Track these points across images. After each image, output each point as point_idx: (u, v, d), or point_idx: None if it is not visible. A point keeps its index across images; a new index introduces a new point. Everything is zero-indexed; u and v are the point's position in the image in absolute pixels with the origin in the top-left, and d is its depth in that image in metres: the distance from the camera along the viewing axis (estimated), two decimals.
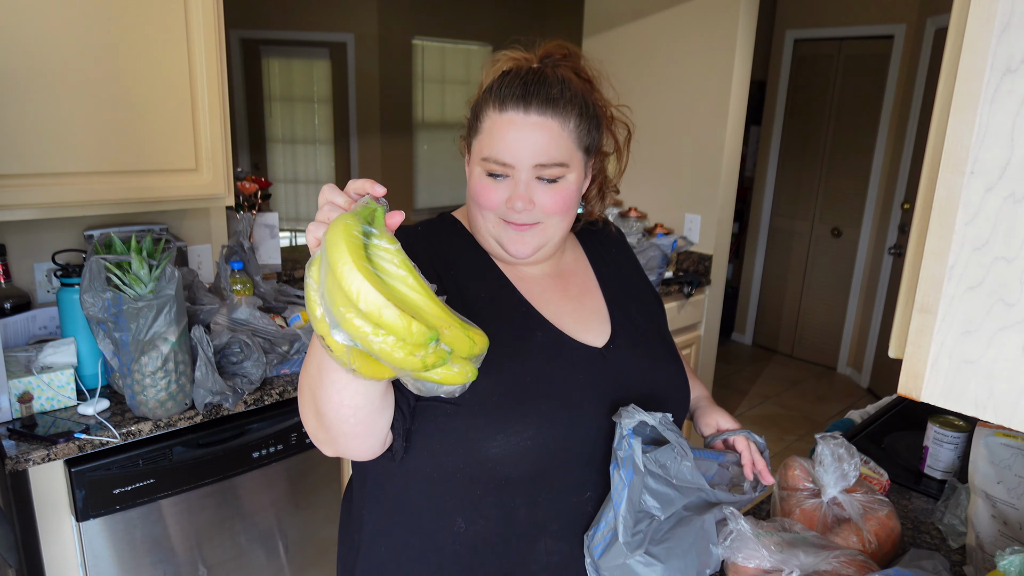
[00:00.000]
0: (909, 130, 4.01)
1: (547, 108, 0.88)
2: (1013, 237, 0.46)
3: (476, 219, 0.95)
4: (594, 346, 0.96)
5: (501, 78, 0.91)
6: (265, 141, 5.49)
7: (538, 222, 0.91)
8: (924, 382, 0.51)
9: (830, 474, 1.07)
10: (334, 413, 0.73)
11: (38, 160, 1.58)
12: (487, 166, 0.89)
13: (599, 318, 1.01)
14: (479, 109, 0.92)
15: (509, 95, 0.88)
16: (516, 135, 0.87)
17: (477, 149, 0.91)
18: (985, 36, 0.45)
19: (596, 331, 0.98)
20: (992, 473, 1.05)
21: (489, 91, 0.91)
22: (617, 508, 0.81)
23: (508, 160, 0.88)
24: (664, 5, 3.03)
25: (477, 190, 0.91)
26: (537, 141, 0.87)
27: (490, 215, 0.92)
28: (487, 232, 0.94)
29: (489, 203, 0.90)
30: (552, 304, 0.97)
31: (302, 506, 1.83)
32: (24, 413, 1.48)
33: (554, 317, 0.96)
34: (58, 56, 1.57)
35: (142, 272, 1.40)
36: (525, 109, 0.87)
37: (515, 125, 0.87)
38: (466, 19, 5.76)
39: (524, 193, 0.88)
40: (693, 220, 3.10)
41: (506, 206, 0.90)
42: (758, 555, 0.86)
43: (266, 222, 2.27)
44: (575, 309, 0.99)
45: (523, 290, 0.97)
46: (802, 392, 4.34)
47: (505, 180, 0.89)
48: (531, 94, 0.87)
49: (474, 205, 0.93)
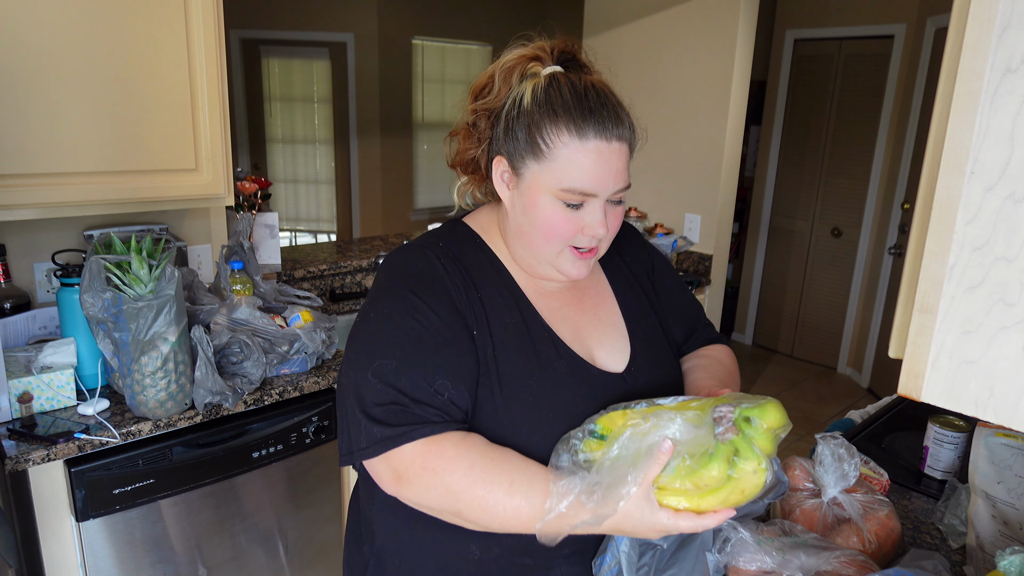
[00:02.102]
0: (909, 130, 4.01)
1: (624, 133, 0.86)
2: (1013, 237, 0.46)
3: (533, 248, 0.90)
4: (614, 371, 0.94)
5: (555, 92, 0.85)
6: (265, 141, 5.49)
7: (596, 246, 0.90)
8: (924, 382, 0.51)
9: (830, 474, 1.07)
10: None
11: (38, 160, 1.58)
12: (568, 196, 0.84)
13: (616, 333, 0.98)
14: (538, 131, 0.84)
15: (586, 122, 0.83)
16: (602, 165, 0.83)
17: (547, 176, 0.85)
18: (985, 36, 0.45)
19: (615, 349, 0.96)
20: (992, 473, 1.05)
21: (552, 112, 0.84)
22: (619, 543, 0.81)
23: (593, 190, 0.84)
24: (664, 5, 3.03)
25: (552, 222, 0.86)
26: (617, 167, 0.85)
27: (557, 245, 0.87)
28: (544, 260, 0.90)
29: (564, 233, 0.86)
30: (570, 321, 0.95)
31: (302, 506, 1.83)
32: (24, 413, 1.48)
33: (573, 338, 0.94)
34: (58, 56, 1.57)
35: (142, 272, 1.40)
36: (607, 138, 0.84)
37: (600, 155, 0.83)
38: (466, 19, 5.76)
39: (603, 219, 0.86)
40: (693, 220, 3.10)
41: (582, 234, 0.86)
42: (759, 559, 0.86)
43: (266, 222, 2.27)
44: (591, 322, 0.97)
45: (542, 308, 0.94)
46: (802, 392, 4.33)
47: (579, 209, 0.86)
48: (607, 119, 0.84)
49: (539, 237, 0.88)
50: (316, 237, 5.83)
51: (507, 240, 0.95)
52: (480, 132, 0.93)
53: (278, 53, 5.31)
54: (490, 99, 0.91)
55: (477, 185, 1.00)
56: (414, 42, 5.61)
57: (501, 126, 0.89)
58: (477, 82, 0.93)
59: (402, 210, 5.85)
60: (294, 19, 5.17)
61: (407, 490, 0.81)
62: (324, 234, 5.81)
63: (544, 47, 0.90)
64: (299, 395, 1.76)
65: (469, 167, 0.98)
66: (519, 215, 0.90)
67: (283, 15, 5.13)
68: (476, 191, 1.01)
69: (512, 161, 0.88)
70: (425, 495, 0.80)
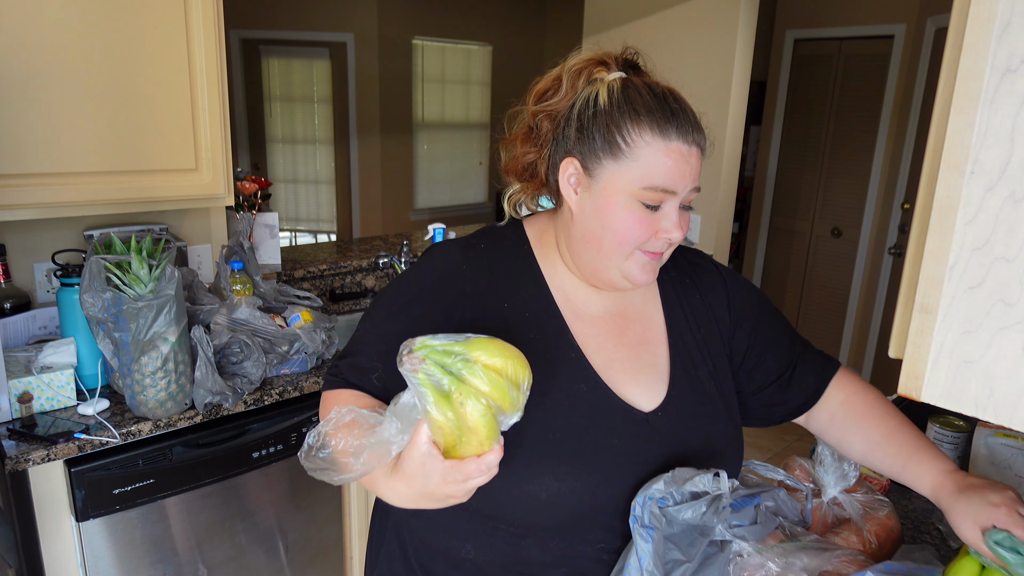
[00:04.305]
0: (909, 130, 4.01)
1: (701, 139, 0.86)
2: (1013, 237, 0.46)
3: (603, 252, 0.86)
4: (641, 409, 0.89)
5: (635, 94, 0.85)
6: (265, 141, 5.49)
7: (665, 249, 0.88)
8: (924, 382, 0.51)
9: (830, 474, 1.07)
10: None
11: (38, 160, 1.58)
12: (651, 196, 0.83)
13: (655, 374, 0.93)
14: (618, 130, 0.83)
15: (669, 123, 0.83)
16: (683, 165, 0.83)
17: (628, 176, 0.83)
18: (985, 36, 0.45)
19: (648, 388, 0.91)
20: (992, 473, 1.05)
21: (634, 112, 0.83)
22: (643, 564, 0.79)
23: (675, 188, 0.83)
24: (664, 5, 3.03)
25: (628, 223, 0.84)
26: (695, 167, 0.85)
27: (630, 247, 0.85)
28: (612, 264, 0.87)
29: (641, 235, 0.84)
30: (605, 351, 0.91)
31: (302, 506, 1.83)
32: (24, 413, 1.48)
33: (602, 364, 0.90)
34: (58, 56, 1.57)
35: (142, 272, 1.40)
36: (687, 141, 0.84)
37: (681, 156, 0.83)
38: (466, 19, 5.77)
39: (679, 222, 0.85)
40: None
41: (656, 237, 0.85)
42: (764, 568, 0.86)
43: (266, 222, 2.26)
44: (628, 358, 0.92)
45: (576, 330, 0.91)
46: None
47: (655, 211, 0.84)
48: (687, 123, 0.84)
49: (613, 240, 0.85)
50: (316, 237, 5.83)
51: (569, 247, 0.91)
52: (543, 136, 0.91)
53: (278, 53, 5.31)
54: (555, 101, 0.89)
55: (531, 193, 0.97)
56: (414, 42, 5.61)
57: (573, 127, 0.87)
58: (540, 85, 0.91)
59: (402, 210, 5.85)
60: (294, 19, 5.17)
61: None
62: (324, 234, 5.81)
63: (609, 53, 0.90)
64: (299, 395, 1.76)
65: (525, 173, 0.94)
66: (589, 218, 0.86)
67: (283, 15, 5.13)
68: (528, 200, 0.98)
69: (585, 161, 0.86)
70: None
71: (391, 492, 0.71)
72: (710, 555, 0.83)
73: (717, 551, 0.83)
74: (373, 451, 0.68)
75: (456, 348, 0.65)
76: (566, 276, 0.93)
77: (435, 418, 0.65)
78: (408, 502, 0.70)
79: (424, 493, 0.68)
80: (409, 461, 0.67)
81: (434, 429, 0.66)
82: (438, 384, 0.65)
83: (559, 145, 0.89)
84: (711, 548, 0.83)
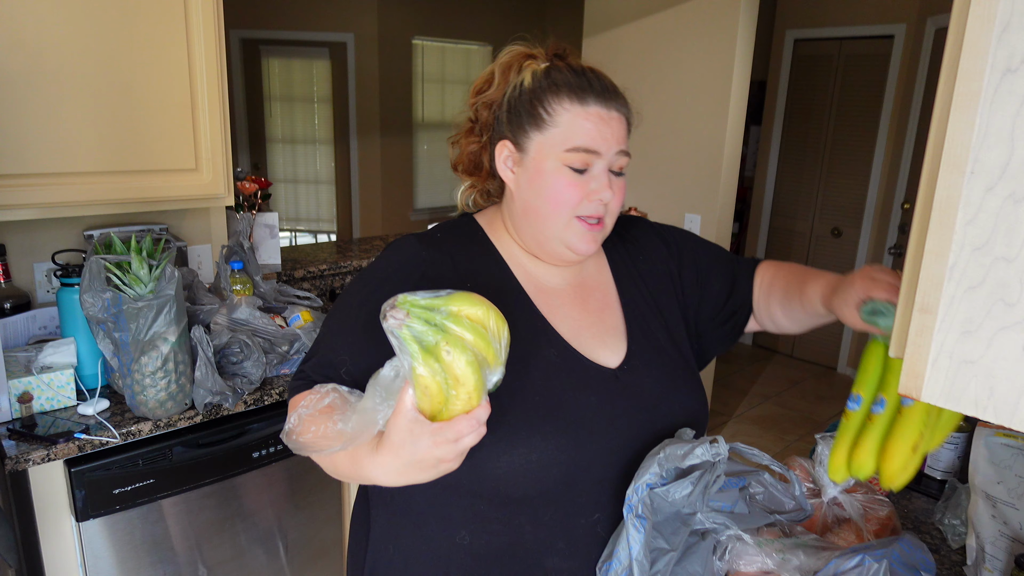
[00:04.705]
0: (909, 130, 4.01)
1: (621, 106, 0.91)
2: (1013, 237, 0.46)
3: (543, 221, 0.91)
4: (608, 366, 0.94)
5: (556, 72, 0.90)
6: (265, 141, 5.49)
7: (603, 217, 0.91)
8: (924, 382, 0.51)
9: None
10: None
11: (38, 160, 1.58)
12: (575, 157, 0.87)
13: (617, 335, 0.98)
14: (540, 103, 0.89)
15: (589, 91, 0.88)
16: (603, 127, 0.88)
17: (552, 143, 0.88)
18: (985, 36, 0.45)
19: (612, 349, 0.96)
20: (992, 473, 1.05)
21: (554, 85, 0.89)
22: (632, 552, 0.80)
23: (599, 147, 0.87)
24: (664, 5, 3.03)
25: (557, 187, 0.88)
26: (618, 132, 0.89)
27: (565, 214, 0.89)
28: (553, 234, 0.91)
29: (571, 199, 0.88)
30: (570, 319, 0.95)
31: (302, 506, 1.83)
32: (24, 413, 1.48)
33: (571, 333, 0.94)
34: (58, 56, 1.57)
35: (142, 272, 1.40)
36: (607, 105, 0.89)
37: (601, 118, 0.88)
38: (466, 19, 5.77)
39: (607, 183, 0.88)
40: (693, 220, 3.10)
41: (588, 200, 0.88)
42: (759, 560, 0.86)
43: (266, 222, 2.26)
44: (593, 323, 0.97)
45: (541, 303, 0.95)
46: (802, 392, 4.33)
47: (584, 174, 0.88)
48: (608, 91, 0.90)
49: (548, 207, 0.89)
50: (316, 237, 5.83)
51: (514, 225, 0.95)
52: (482, 124, 0.97)
53: (278, 53, 5.31)
54: (490, 92, 0.95)
55: (480, 187, 1.02)
56: (414, 42, 5.61)
57: (504, 111, 0.93)
58: (478, 81, 0.97)
59: (402, 210, 5.85)
60: (294, 19, 5.17)
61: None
62: (324, 234, 5.81)
63: (539, 48, 0.95)
64: None
65: (472, 166, 1.00)
66: (525, 191, 0.91)
67: (283, 15, 5.13)
68: (479, 196, 1.03)
69: (516, 139, 0.91)
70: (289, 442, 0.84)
71: (378, 469, 0.70)
72: (692, 544, 0.83)
73: (699, 540, 0.84)
74: (358, 422, 0.67)
75: (437, 302, 0.66)
76: (522, 255, 0.97)
77: (421, 375, 0.64)
78: (398, 475, 0.69)
79: (414, 461, 0.67)
80: (395, 430, 0.66)
81: (420, 393, 0.65)
82: (422, 339, 0.64)
83: (495, 132, 0.95)
84: (692, 538, 0.84)
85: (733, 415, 3.98)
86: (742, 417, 3.96)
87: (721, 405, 4.07)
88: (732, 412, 4.02)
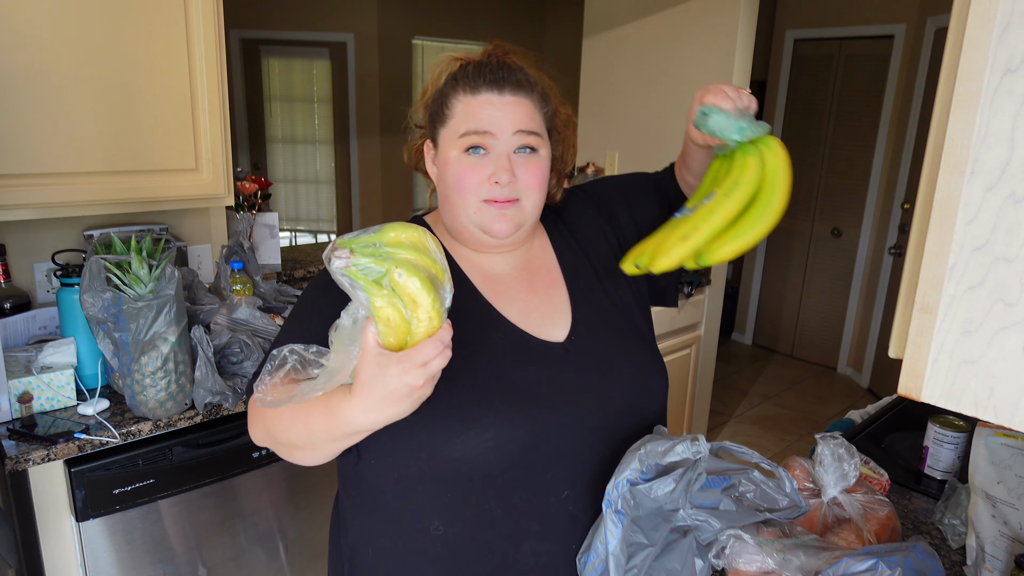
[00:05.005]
0: (909, 130, 4.01)
1: (519, 90, 0.92)
2: (1013, 237, 0.46)
3: (455, 209, 0.94)
4: (555, 341, 0.95)
5: (462, 69, 0.94)
6: (265, 141, 5.49)
7: (517, 199, 0.92)
8: (924, 382, 0.51)
9: (830, 474, 1.07)
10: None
11: (38, 160, 1.58)
12: (467, 140, 0.90)
13: (563, 310, 1.00)
14: (444, 100, 0.94)
15: (480, 80, 0.91)
16: (494, 111, 0.90)
17: (450, 133, 0.92)
18: (985, 36, 0.45)
19: (560, 324, 0.97)
20: (992, 473, 1.05)
21: (454, 81, 0.93)
22: (609, 547, 0.80)
23: (489, 128, 0.90)
24: (664, 5, 3.03)
25: (458, 173, 0.91)
26: (514, 115, 0.91)
27: (471, 198, 0.91)
28: (467, 220, 0.93)
29: (472, 183, 0.90)
30: (518, 301, 0.97)
31: (302, 506, 1.83)
32: (24, 413, 1.48)
33: (519, 316, 0.95)
34: (58, 56, 1.57)
35: (142, 272, 1.40)
36: (499, 91, 0.91)
37: (492, 104, 0.91)
38: (466, 19, 5.76)
39: (507, 164, 0.90)
40: None
41: (489, 182, 0.90)
42: (759, 560, 0.86)
43: (266, 222, 2.27)
44: (541, 303, 0.99)
45: (487, 290, 0.96)
46: (802, 392, 4.34)
47: (485, 157, 0.91)
48: (501, 79, 0.91)
49: (454, 194, 0.93)
50: (316, 237, 5.83)
51: (444, 220, 0.99)
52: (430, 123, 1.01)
53: (278, 53, 5.31)
54: (426, 98, 1.00)
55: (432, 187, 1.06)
56: (414, 42, 5.61)
57: (427, 115, 0.98)
58: (422, 92, 1.02)
59: (402, 210, 5.85)
60: (294, 19, 5.17)
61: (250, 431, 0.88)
62: (324, 234, 5.81)
63: (474, 51, 0.99)
64: None
65: (423, 168, 1.05)
66: (441, 184, 0.96)
67: (283, 15, 5.13)
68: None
69: (433, 137, 0.97)
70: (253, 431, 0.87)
71: (355, 410, 0.71)
72: (672, 541, 0.83)
73: (679, 538, 0.84)
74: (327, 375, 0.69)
75: (374, 237, 0.68)
76: (466, 248, 1.00)
77: (380, 307, 0.66)
78: (375, 412, 0.70)
79: (387, 393, 0.68)
80: (364, 368, 0.68)
81: (383, 327, 0.67)
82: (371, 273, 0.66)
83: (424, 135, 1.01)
84: (673, 535, 0.84)
85: (733, 415, 3.98)
86: (742, 417, 3.96)
87: (721, 405, 4.07)
88: (732, 412, 4.02)
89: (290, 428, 0.79)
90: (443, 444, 0.84)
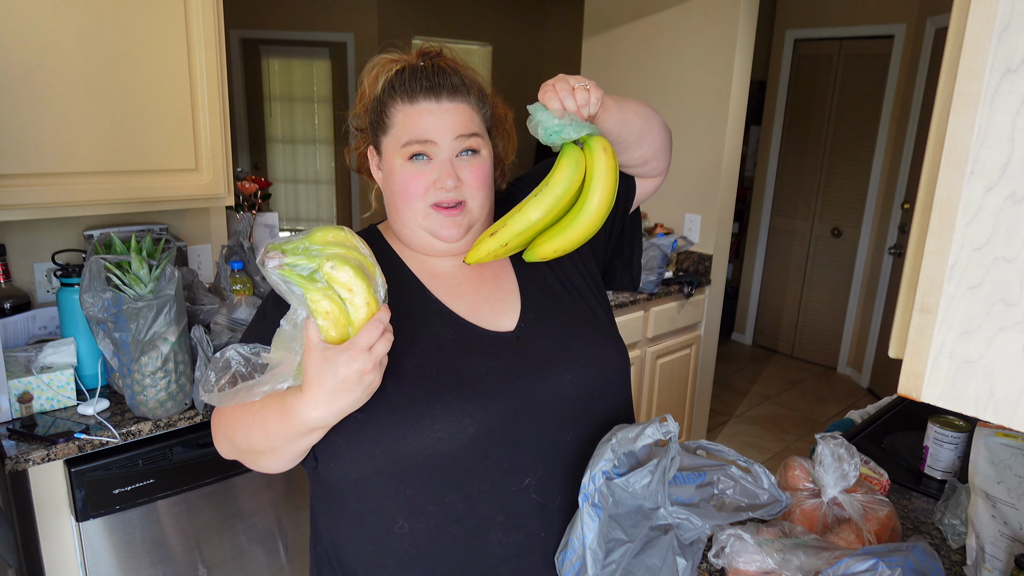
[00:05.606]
0: (909, 130, 4.01)
1: (456, 95, 0.93)
2: (1013, 237, 0.46)
3: (403, 216, 0.95)
4: (505, 331, 0.95)
5: (397, 76, 0.94)
6: (265, 141, 5.49)
7: (463, 201, 0.93)
8: (924, 382, 0.51)
9: (830, 474, 1.07)
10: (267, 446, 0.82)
11: (38, 160, 1.58)
12: (409, 149, 0.91)
13: (514, 299, 1.00)
14: (383, 109, 0.94)
15: (417, 88, 0.92)
16: (433, 119, 0.92)
17: (392, 142, 0.94)
18: (985, 36, 0.45)
19: (510, 314, 0.98)
20: (992, 473, 1.05)
21: (391, 89, 0.94)
22: (586, 541, 0.80)
23: (430, 136, 0.91)
24: (664, 5, 3.03)
25: (403, 181, 0.92)
26: (453, 121, 0.92)
27: (418, 205, 0.92)
28: (416, 226, 0.94)
29: (418, 190, 0.92)
30: (467, 296, 0.98)
31: (302, 506, 1.83)
32: (24, 413, 1.48)
33: (467, 309, 0.96)
34: (58, 56, 1.57)
35: (142, 272, 1.40)
36: (436, 98, 0.92)
37: (431, 112, 0.91)
38: (466, 19, 5.76)
39: (450, 169, 0.91)
40: (693, 220, 3.10)
41: (434, 188, 0.91)
42: (759, 559, 0.86)
43: (266, 222, 2.27)
44: (491, 294, 0.99)
45: (436, 288, 0.97)
46: (802, 392, 4.34)
47: (428, 164, 0.92)
48: (438, 85, 0.92)
49: (401, 201, 0.94)
50: None
51: (392, 225, 1.00)
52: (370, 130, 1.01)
53: (278, 53, 5.31)
54: (365, 101, 1.00)
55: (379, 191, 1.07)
56: (414, 42, 5.59)
57: (368, 120, 0.99)
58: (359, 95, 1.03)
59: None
60: (294, 19, 5.17)
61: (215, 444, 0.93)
62: None
63: (409, 53, 0.99)
64: None
65: (367, 171, 1.06)
66: (387, 191, 0.97)
67: (283, 15, 5.13)
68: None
69: (376, 145, 0.98)
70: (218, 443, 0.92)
71: (308, 406, 0.73)
72: (652, 539, 0.83)
73: (660, 535, 0.83)
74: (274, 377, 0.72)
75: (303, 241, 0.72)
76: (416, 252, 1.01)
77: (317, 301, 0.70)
78: (328, 405, 0.72)
79: (337, 383, 0.70)
80: (311, 364, 0.71)
81: (322, 324, 0.70)
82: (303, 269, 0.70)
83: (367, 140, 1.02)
84: (653, 532, 0.84)
85: (733, 415, 3.98)
86: (742, 417, 3.96)
87: (721, 405, 4.07)
88: (732, 412, 4.02)
89: (250, 433, 0.83)
90: (395, 440, 0.85)
